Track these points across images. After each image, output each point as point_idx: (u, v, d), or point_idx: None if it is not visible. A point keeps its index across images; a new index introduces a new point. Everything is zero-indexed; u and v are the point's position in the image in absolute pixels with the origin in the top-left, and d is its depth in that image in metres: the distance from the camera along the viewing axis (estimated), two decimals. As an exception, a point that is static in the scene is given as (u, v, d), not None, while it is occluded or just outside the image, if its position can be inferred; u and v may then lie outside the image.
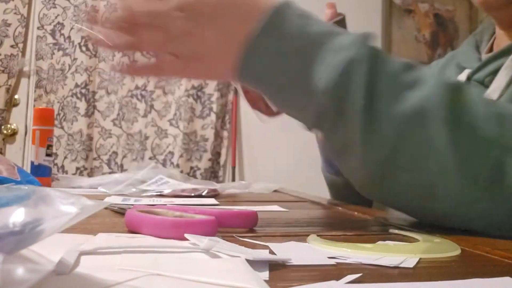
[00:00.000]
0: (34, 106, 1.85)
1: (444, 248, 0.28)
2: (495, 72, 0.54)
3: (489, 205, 0.34)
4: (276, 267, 0.23)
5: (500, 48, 0.56)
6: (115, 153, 1.92)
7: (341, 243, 0.29)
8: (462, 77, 0.59)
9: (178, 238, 0.28)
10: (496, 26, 0.61)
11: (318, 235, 0.31)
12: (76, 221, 0.16)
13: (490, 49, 0.61)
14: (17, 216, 0.16)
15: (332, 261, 0.25)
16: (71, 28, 1.91)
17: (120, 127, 1.95)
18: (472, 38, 0.65)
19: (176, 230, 0.29)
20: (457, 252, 0.28)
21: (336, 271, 0.23)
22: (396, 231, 0.35)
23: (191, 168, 1.95)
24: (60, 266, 0.19)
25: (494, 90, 0.53)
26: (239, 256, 0.23)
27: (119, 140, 1.94)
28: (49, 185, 0.81)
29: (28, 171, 0.75)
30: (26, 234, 0.16)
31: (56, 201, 0.17)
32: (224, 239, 0.28)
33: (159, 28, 0.37)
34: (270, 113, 0.52)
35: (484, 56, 0.59)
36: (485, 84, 0.55)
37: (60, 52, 1.90)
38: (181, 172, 1.88)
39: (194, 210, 0.35)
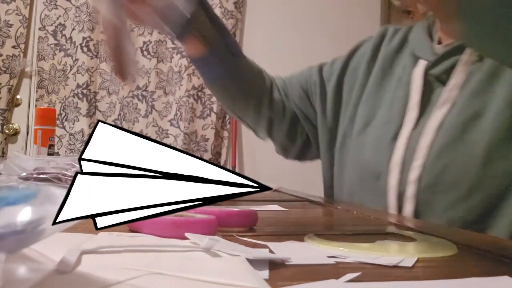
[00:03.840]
0: (36, 106, 1.85)
1: (441, 248, 0.28)
2: (451, 68, 0.53)
3: None
4: (275, 266, 0.23)
5: (454, 45, 0.54)
6: (116, 153, 1.92)
7: (339, 242, 0.29)
8: (419, 70, 0.57)
9: (179, 238, 0.28)
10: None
11: (315, 234, 0.31)
12: (78, 220, 0.16)
13: (439, 39, 0.60)
14: (22, 215, 0.16)
15: (331, 260, 0.25)
16: (73, 29, 1.92)
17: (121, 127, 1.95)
18: (425, 21, 0.63)
19: (176, 230, 0.29)
20: (455, 251, 0.28)
21: (335, 270, 0.23)
22: (394, 231, 0.35)
23: (192, 168, 1.95)
24: (61, 265, 0.19)
25: (452, 88, 0.53)
26: (239, 255, 0.23)
27: (120, 140, 1.94)
28: (50, 185, 0.81)
29: (30, 171, 0.75)
30: (28, 233, 0.16)
31: (61, 200, 0.17)
32: (224, 238, 0.28)
33: None
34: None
35: (437, 47, 0.58)
36: (442, 80, 0.54)
37: (62, 53, 1.91)
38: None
39: (194, 210, 0.35)
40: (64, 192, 0.18)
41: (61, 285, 0.17)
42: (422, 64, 0.57)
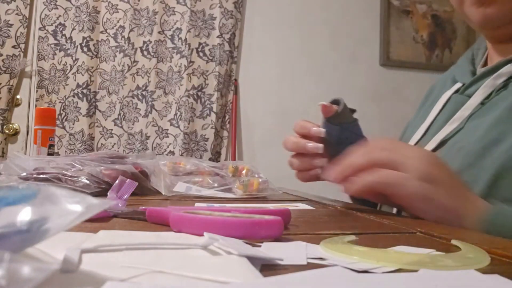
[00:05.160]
0: (35, 106, 1.85)
1: (455, 263, 0.25)
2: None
3: None
4: (275, 266, 0.23)
5: (491, 65, 0.56)
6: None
7: (352, 249, 0.27)
8: (448, 93, 0.61)
9: (249, 239, 0.28)
10: (487, 41, 0.63)
11: (327, 240, 0.29)
12: (81, 220, 0.16)
13: (485, 63, 0.62)
14: (24, 215, 0.16)
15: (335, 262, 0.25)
16: (73, 29, 1.92)
17: (121, 127, 1.95)
18: (469, 52, 0.67)
19: (248, 231, 0.29)
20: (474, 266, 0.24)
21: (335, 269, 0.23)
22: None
23: (192, 168, 1.95)
24: (66, 264, 0.19)
25: (467, 107, 0.55)
26: (238, 254, 0.23)
27: (120, 140, 1.94)
28: (51, 185, 0.81)
29: (30, 171, 0.75)
30: (33, 233, 0.16)
31: (62, 200, 0.17)
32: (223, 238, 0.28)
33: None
34: None
35: (479, 70, 0.60)
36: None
37: (62, 53, 1.91)
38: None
39: (238, 210, 0.35)
40: (64, 192, 0.18)
41: (66, 284, 0.17)
42: (455, 87, 0.60)
